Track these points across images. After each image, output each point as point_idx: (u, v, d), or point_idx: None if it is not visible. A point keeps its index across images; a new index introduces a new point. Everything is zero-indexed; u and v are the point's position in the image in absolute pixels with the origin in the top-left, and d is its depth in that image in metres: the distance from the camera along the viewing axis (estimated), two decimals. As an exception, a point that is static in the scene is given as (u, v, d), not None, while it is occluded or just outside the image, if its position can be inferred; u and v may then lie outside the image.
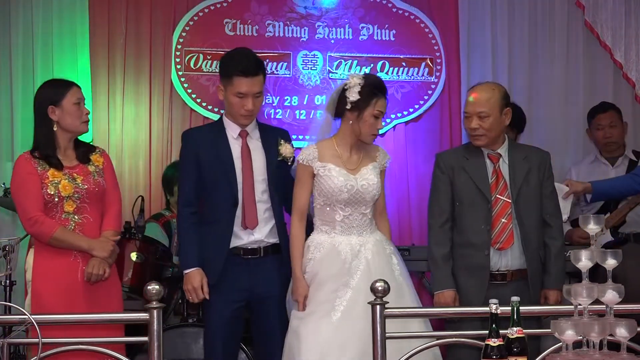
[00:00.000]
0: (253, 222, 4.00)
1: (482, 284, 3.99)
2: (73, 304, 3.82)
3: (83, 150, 4.04)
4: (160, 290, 3.30)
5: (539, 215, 4.12)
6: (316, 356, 3.69)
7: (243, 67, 3.98)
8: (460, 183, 4.10)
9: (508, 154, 4.15)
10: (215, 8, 5.82)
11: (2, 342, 3.11)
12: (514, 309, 2.81)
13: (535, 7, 6.05)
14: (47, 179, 3.89)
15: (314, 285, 3.87)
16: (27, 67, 5.58)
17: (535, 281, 4.09)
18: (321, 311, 3.79)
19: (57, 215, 3.91)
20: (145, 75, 5.68)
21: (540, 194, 4.14)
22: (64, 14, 5.62)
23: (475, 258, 4.03)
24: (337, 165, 3.93)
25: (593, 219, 2.91)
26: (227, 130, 4.10)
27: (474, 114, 4.05)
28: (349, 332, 3.72)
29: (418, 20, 5.97)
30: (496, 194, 4.07)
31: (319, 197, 3.94)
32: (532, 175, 4.12)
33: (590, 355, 2.68)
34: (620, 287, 2.78)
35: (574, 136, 6.03)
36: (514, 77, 6.01)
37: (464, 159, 4.14)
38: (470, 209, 4.08)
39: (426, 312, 3.89)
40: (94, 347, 3.38)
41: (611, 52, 5.95)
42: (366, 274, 3.81)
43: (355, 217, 3.92)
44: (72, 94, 3.99)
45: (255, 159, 4.07)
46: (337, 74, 5.87)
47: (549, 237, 4.13)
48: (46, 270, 3.89)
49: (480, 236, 4.03)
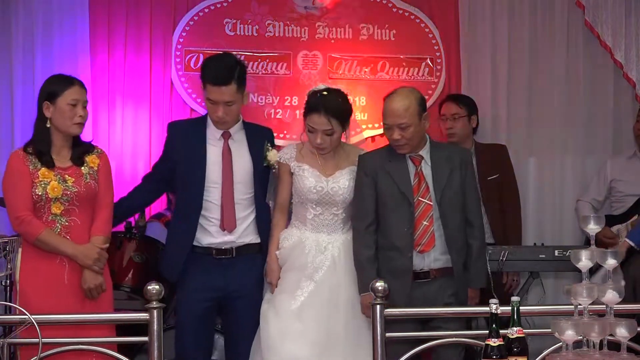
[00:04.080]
0: (231, 225, 4.08)
1: (405, 286, 4.01)
2: (60, 304, 3.77)
3: (79, 151, 3.97)
4: (161, 290, 3.31)
5: (463, 215, 4.15)
6: (276, 338, 3.88)
7: (212, 75, 4.02)
8: (384, 185, 4.11)
9: (430, 156, 4.15)
10: (215, 8, 5.82)
11: (2, 342, 3.10)
12: (514, 309, 2.82)
13: (535, 7, 6.04)
14: (37, 179, 3.84)
15: (281, 272, 4.07)
16: (27, 65, 5.57)
17: (462, 278, 4.13)
18: (283, 299, 3.98)
19: (45, 216, 3.86)
20: (145, 74, 5.68)
21: (464, 193, 4.15)
22: (64, 13, 5.61)
23: (399, 261, 4.05)
24: (312, 166, 4.11)
25: (593, 219, 2.92)
26: (210, 129, 4.15)
27: (394, 125, 4.04)
28: (307, 322, 3.90)
29: (418, 20, 5.96)
30: (418, 197, 4.08)
31: (294, 194, 4.13)
32: (455, 175, 4.14)
33: (590, 355, 2.69)
34: (621, 287, 2.79)
35: (574, 136, 6.03)
36: (514, 76, 5.99)
37: (387, 162, 4.14)
38: (393, 212, 4.09)
39: (425, 312, 3.89)
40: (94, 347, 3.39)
41: (611, 52, 5.94)
42: (331, 270, 4.01)
43: (326, 217, 4.09)
44: (70, 93, 3.92)
45: (238, 161, 4.12)
46: (338, 74, 5.87)
47: (471, 236, 4.16)
48: (33, 270, 3.86)
49: (403, 239, 4.05)
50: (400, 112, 4.03)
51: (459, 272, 4.11)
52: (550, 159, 6.02)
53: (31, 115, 5.44)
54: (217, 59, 4.15)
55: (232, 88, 4.00)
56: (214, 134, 4.13)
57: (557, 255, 4.78)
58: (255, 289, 4.12)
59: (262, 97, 5.82)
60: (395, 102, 4.06)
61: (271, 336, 3.88)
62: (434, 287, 4.05)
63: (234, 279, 4.08)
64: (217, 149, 4.12)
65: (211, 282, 4.06)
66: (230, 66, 4.04)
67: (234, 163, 4.11)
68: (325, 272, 4.01)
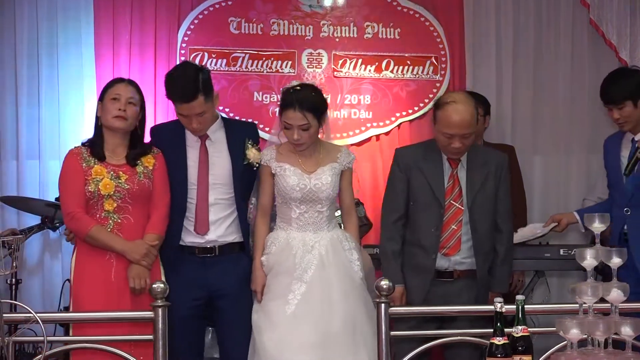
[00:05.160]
0: (203, 228, 4.08)
1: (425, 284, 4.04)
2: (109, 302, 3.81)
3: (136, 152, 4.00)
4: (166, 289, 3.31)
5: (492, 220, 4.16)
6: (274, 349, 3.82)
7: (178, 94, 4.01)
8: (416, 183, 4.12)
9: (467, 159, 4.14)
10: (220, 6, 5.81)
11: (8, 341, 3.11)
12: (519, 308, 2.81)
13: (540, 6, 6.03)
14: (90, 176, 3.88)
15: (269, 278, 4.03)
16: (31, 64, 5.58)
17: (485, 281, 4.14)
18: (276, 305, 3.93)
19: (98, 213, 3.90)
20: (149, 73, 5.68)
21: (496, 197, 4.15)
22: (69, 12, 5.62)
23: (423, 259, 4.07)
24: (293, 165, 4.08)
25: (598, 217, 2.91)
26: (188, 131, 4.13)
27: (457, 135, 3.99)
28: (304, 326, 3.85)
29: (423, 18, 5.96)
30: (450, 199, 4.09)
31: (277, 195, 4.10)
32: (489, 180, 4.14)
33: (595, 354, 2.68)
34: (625, 285, 2.78)
35: (579, 135, 6.02)
36: (518, 75, 5.99)
37: (422, 160, 4.14)
38: (423, 210, 4.10)
39: (430, 310, 3.89)
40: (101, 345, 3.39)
41: (616, 51, 5.93)
42: (320, 268, 3.97)
43: (310, 215, 4.06)
44: (114, 90, 3.98)
45: (216, 162, 4.12)
46: (342, 72, 5.86)
47: (499, 242, 4.17)
48: (84, 269, 3.90)
49: (429, 239, 4.07)
50: (466, 123, 3.98)
51: (483, 276, 4.11)
52: (555, 157, 6.02)
53: (35, 118, 5.54)
54: (178, 75, 4.07)
55: (200, 100, 3.97)
56: (192, 136, 4.12)
57: (562, 254, 4.78)
58: (240, 287, 4.09)
59: (266, 95, 5.81)
60: (460, 112, 3.98)
61: (267, 349, 3.83)
62: (455, 288, 4.06)
63: (217, 277, 4.06)
64: (196, 150, 4.12)
65: (196, 281, 4.05)
66: (194, 79, 3.98)
67: (211, 165, 4.09)
68: (315, 271, 3.96)
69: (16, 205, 5.26)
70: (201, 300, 4.09)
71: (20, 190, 5.46)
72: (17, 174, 5.53)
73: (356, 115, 5.86)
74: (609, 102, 4.43)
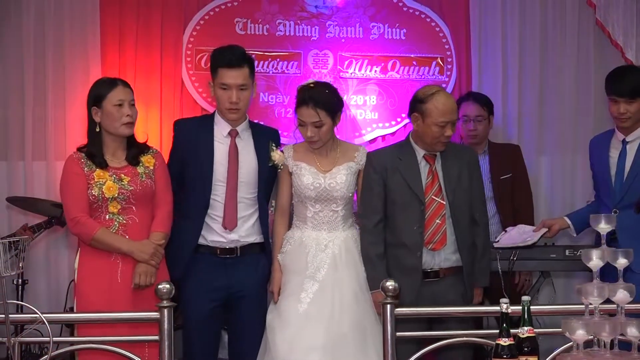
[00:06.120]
0: (232, 223, 4.10)
1: (414, 284, 4.03)
2: (114, 303, 3.82)
3: (134, 152, 4.02)
4: (171, 289, 3.31)
5: (471, 214, 4.18)
6: (285, 348, 3.86)
7: (227, 58, 4.10)
8: (394, 184, 4.12)
9: (441, 155, 4.17)
10: (225, 7, 5.82)
11: (14, 341, 3.12)
12: (525, 308, 2.81)
13: (546, 6, 6.03)
14: (92, 180, 3.89)
15: (284, 278, 4.07)
16: (38, 65, 5.58)
17: (470, 277, 4.15)
18: (288, 303, 3.97)
19: (102, 216, 3.91)
20: (156, 74, 5.69)
21: (471, 191, 4.18)
22: (76, 12, 5.62)
23: (408, 259, 4.07)
24: (309, 163, 4.14)
25: (604, 218, 2.91)
26: (217, 127, 4.18)
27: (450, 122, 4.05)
28: (315, 327, 3.88)
29: (429, 19, 5.96)
30: (431, 195, 4.10)
31: (294, 194, 4.16)
32: (464, 174, 4.17)
33: (601, 355, 2.68)
34: (632, 286, 2.78)
35: (585, 135, 6.00)
36: (524, 75, 5.99)
37: (397, 160, 4.16)
38: (403, 210, 4.11)
39: (436, 311, 3.89)
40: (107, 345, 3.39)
41: (622, 51, 5.92)
42: (332, 268, 4.02)
43: (325, 214, 4.11)
44: (114, 94, 3.97)
45: (244, 160, 4.15)
46: (348, 73, 5.87)
47: (477, 235, 4.20)
48: (89, 271, 3.91)
49: (412, 237, 4.07)
50: (456, 108, 4.14)
51: (469, 271, 4.12)
52: (561, 158, 6.02)
53: (42, 117, 5.54)
54: (229, 47, 4.24)
55: (245, 71, 4.10)
56: (222, 131, 4.17)
57: (567, 254, 4.75)
58: (259, 288, 4.13)
59: (272, 96, 5.82)
60: (450, 98, 4.14)
61: (279, 350, 3.86)
62: (442, 286, 4.07)
63: (238, 278, 4.09)
64: (225, 146, 4.15)
65: (215, 282, 4.07)
66: (242, 52, 4.17)
67: (240, 161, 4.13)
68: (327, 271, 4.01)
69: (23, 205, 5.28)
70: (220, 301, 4.10)
71: (27, 191, 5.47)
72: (23, 174, 5.53)
73: (362, 116, 5.87)
74: (621, 94, 4.34)
